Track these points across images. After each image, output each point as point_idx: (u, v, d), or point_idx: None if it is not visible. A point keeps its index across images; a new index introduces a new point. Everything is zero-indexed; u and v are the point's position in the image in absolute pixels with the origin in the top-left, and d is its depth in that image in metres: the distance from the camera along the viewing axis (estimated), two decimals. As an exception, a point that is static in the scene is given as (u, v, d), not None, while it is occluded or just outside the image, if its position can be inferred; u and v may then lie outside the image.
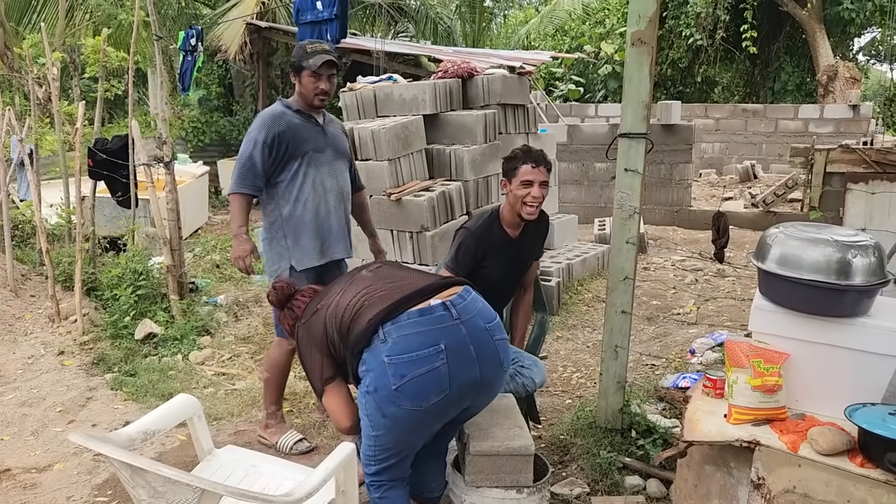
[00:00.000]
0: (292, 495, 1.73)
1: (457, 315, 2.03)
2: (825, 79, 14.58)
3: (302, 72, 3.15)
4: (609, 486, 2.99)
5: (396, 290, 2.14)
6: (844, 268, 2.17)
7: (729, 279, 6.54)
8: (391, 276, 2.26)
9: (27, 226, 7.25)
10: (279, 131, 3.14)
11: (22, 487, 3.13)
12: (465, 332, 2.02)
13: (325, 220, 3.26)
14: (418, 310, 2.03)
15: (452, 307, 2.04)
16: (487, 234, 2.94)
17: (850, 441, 2.07)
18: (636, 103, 3.02)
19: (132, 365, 4.55)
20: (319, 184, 3.23)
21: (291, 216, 3.22)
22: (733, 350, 2.33)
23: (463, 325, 2.03)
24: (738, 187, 11.44)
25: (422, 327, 2.00)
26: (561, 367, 4.51)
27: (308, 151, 3.19)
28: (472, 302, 2.13)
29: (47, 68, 5.77)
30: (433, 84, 5.81)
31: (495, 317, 2.19)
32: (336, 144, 3.33)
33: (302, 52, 3.17)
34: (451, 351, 1.99)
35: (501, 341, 2.14)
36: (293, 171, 3.19)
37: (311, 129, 3.23)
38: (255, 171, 3.15)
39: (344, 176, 3.36)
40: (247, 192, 3.18)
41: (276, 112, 3.20)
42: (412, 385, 1.98)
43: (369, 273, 2.33)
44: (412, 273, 2.33)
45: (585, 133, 9.83)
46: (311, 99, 3.19)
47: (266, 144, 3.12)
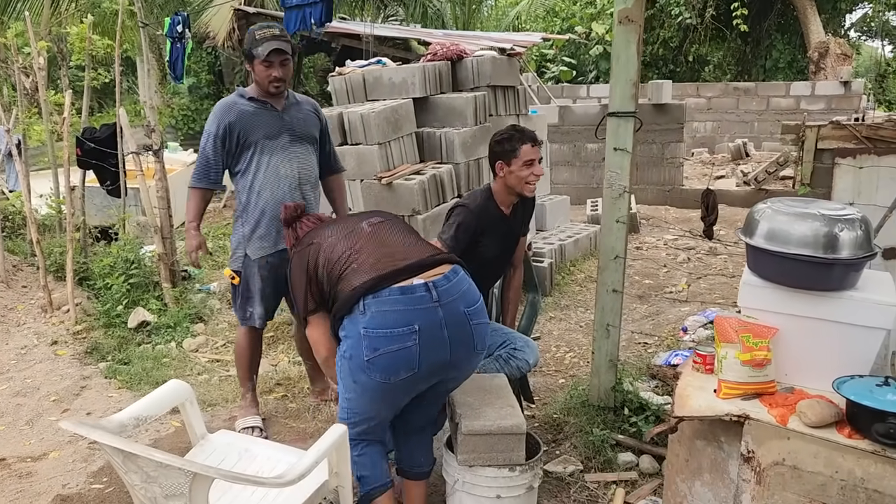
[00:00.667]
0: (284, 477, 1.74)
1: (436, 297, 2.05)
2: (816, 56, 14.55)
3: (254, 60, 3.06)
4: (602, 463, 3.01)
5: (387, 259, 2.15)
6: (831, 241, 2.17)
7: (721, 257, 6.56)
8: (386, 241, 2.26)
9: (17, 217, 7.21)
10: (229, 122, 3.09)
11: (17, 476, 3.14)
12: (440, 316, 2.05)
13: (279, 209, 3.09)
14: (400, 287, 2.06)
15: (434, 289, 2.05)
16: (485, 212, 2.95)
17: (839, 413, 2.08)
18: (624, 82, 3.01)
19: (126, 353, 4.56)
20: (273, 171, 3.16)
21: (248, 205, 3.19)
22: (722, 325, 2.33)
23: (441, 307, 2.05)
24: (729, 166, 11.45)
25: (400, 305, 2.04)
26: (554, 348, 4.53)
27: (259, 139, 3.12)
28: (456, 284, 2.12)
29: (33, 58, 5.72)
30: (422, 67, 5.77)
31: (478, 300, 2.18)
32: (295, 129, 3.23)
33: (251, 39, 3.06)
34: (424, 332, 2.03)
35: (479, 325, 2.15)
36: (247, 160, 3.15)
37: (264, 116, 3.15)
38: (209, 165, 3.14)
39: (305, 160, 3.27)
40: (202, 186, 3.17)
41: (227, 102, 3.16)
42: (383, 359, 2.04)
43: (368, 229, 2.33)
44: (408, 240, 2.31)
45: (577, 114, 9.81)
46: (265, 87, 3.11)
47: (218, 136, 3.09)
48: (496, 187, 3.00)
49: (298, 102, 3.32)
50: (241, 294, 3.26)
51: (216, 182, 3.20)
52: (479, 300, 2.19)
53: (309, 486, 2.08)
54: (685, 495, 2.48)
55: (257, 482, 1.80)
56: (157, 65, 12.41)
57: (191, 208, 3.22)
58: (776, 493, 2.12)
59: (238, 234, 3.25)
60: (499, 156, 2.93)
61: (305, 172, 3.26)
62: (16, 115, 6.14)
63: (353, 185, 5.45)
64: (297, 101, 3.32)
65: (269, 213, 3.16)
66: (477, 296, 2.18)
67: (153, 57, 12.17)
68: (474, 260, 2.89)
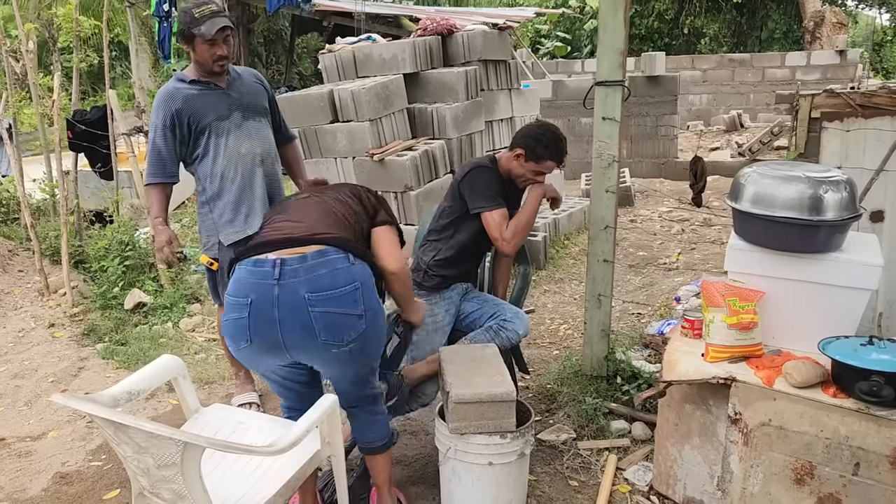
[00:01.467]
0: (274, 445, 1.76)
1: (278, 275, 2.00)
2: (812, 25, 14.45)
3: (194, 40, 2.87)
4: (595, 431, 3.05)
5: (274, 232, 2.17)
6: (816, 203, 2.19)
7: (715, 228, 6.57)
8: (296, 215, 2.24)
9: (11, 202, 7.20)
10: (176, 109, 2.92)
11: (17, 455, 3.18)
12: (275, 294, 1.99)
13: (246, 189, 3.06)
14: (254, 259, 2.06)
15: (280, 266, 2.01)
16: (499, 175, 2.96)
17: (824, 373, 2.11)
18: (612, 50, 3.00)
19: (123, 334, 4.58)
20: (233, 152, 3.02)
21: (213, 192, 3.06)
22: (709, 290, 2.35)
23: (278, 286, 1.99)
24: (724, 137, 11.42)
25: (246, 276, 2.05)
26: (549, 320, 4.55)
27: (212, 122, 2.97)
28: (312, 266, 2.02)
29: (21, 41, 5.68)
30: (412, 42, 5.74)
31: (335, 287, 2.02)
32: (244, 103, 3.07)
33: (189, 17, 2.86)
34: (255, 307, 2.01)
35: (323, 314, 2.01)
36: (202, 146, 3.01)
37: (210, 96, 2.99)
38: (162, 158, 2.98)
39: (262, 135, 3.12)
40: (159, 181, 3.01)
41: (169, 90, 2.98)
42: (227, 326, 2.08)
43: (293, 202, 2.37)
44: (315, 216, 2.21)
45: (570, 88, 9.77)
46: (209, 66, 2.93)
47: (167, 127, 2.93)
48: (504, 162, 2.96)
49: (241, 76, 3.14)
50: (220, 280, 3.16)
51: (173, 175, 3.04)
52: (340, 288, 2.03)
53: (301, 456, 2.10)
54: (675, 459, 2.52)
55: (247, 451, 1.82)
56: (148, 47, 12.32)
57: (153, 205, 3.04)
58: (763, 454, 2.16)
59: (207, 222, 3.12)
60: (530, 150, 2.86)
61: (265, 147, 3.12)
62: (5, 100, 6.10)
63: (346, 163, 5.45)
64: (240, 75, 3.14)
65: (236, 195, 3.04)
66: (339, 283, 2.03)
67: (145, 39, 12.09)
68: (472, 227, 2.91)
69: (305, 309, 1.99)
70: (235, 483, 2.04)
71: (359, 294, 2.05)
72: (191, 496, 1.81)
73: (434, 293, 2.99)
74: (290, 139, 3.43)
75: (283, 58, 15.95)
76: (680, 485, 2.52)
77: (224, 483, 2.03)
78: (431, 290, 2.98)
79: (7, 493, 2.89)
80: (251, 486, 2.01)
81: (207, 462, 2.10)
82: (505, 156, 2.98)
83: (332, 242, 2.08)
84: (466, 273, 3.10)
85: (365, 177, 5.30)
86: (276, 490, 1.99)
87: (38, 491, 2.90)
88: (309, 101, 5.48)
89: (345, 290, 2.03)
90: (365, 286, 2.08)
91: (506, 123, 6.63)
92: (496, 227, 2.82)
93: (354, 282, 2.05)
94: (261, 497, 1.95)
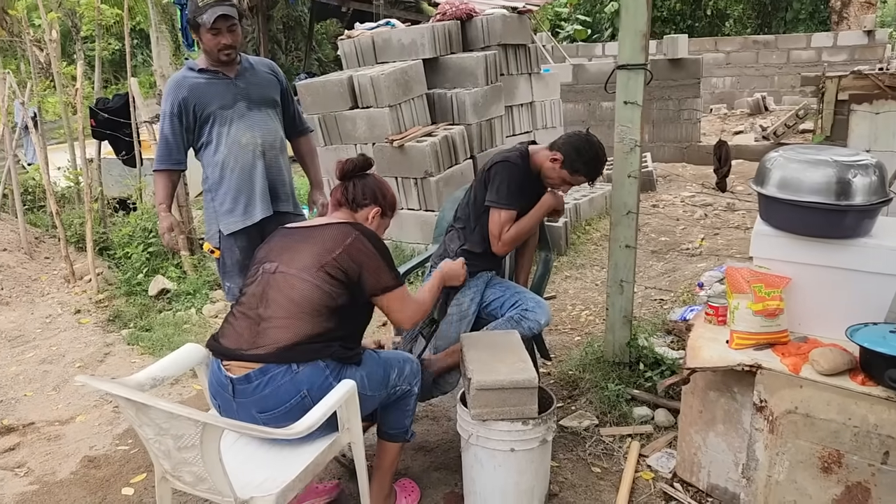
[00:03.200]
0: (293, 428, 1.78)
1: (231, 393, 2.09)
2: (839, 5, 14.17)
3: (199, 28, 2.90)
4: (617, 418, 3.03)
5: (232, 333, 2.18)
6: (844, 188, 2.14)
7: (739, 213, 6.49)
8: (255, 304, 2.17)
9: (37, 190, 7.30)
10: (183, 97, 2.95)
11: (46, 439, 3.23)
12: (234, 408, 2.11)
13: (245, 180, 3.05)
14: (218, 363, 2.15)
15: (231, 384, 2.09)
16: (525, 169, 2.90)
17: (852, 360, 2.08)
18: (634, 33, 2.95)
19: (147, 320, 4.63)
20: (234, 141, 3.02)
21: (214, 180, 3.07)
22: (734, 276, 2.32)
23: (235, 402, 2.10)
24: (748, 120, 11.25)
25: (212, 378, 2.17)
26: (570, 306, 4.53)
27: (215, 111, 2.99)
28: (257, 387, 2.06)
29: (44, 30, 5.73)
30: (431, 27, 5.71)
31: (277, 406, 2.06)
32: (251, 94, 3.06)
33: (194, 6, 2.90)
34: (223, 410, 2.16)
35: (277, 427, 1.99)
36: (206, 133, 3.03)
37: (216, 86, 3.00)
38: (169, 145, 3.01)
39: (266, 126, 3.10)
40: (165, 168, 3.05)
41: (178, 78, 3.02)
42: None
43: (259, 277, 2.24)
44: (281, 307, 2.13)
45: (591, 72, 9.67)
46: (215, 55, 2.95)
47: (174, 114, 2.96)
48: (539, 159, 2.91)
49: (253, 66, 3.14)
50: (220, 269, 3.20)
51: (180, 162, 3.06)
52: (286, 404, 2.06)
53: (321, 443, 2.12)
54: (699, 446, 2.50)
55: (265, 433, 1.84)
56: (169, 35, 12.36)
57: (158, 191, 3.10)
58: (789, 441, 2.13)
59: (209, 210, 3.14)
60: (568, 159, 2.82)
61: (268, 139, 3.10)
62: (30, 89, 6.17)
63: (365, 149, 5.45)
64: (252, 66, 3.14)
65: (236, 185, 3.04)
66: (283, 399, 2.06)
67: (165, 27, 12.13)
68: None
69: (261, 423, 2.06)
70: (255, 468, 2.05)
71: (308, 401, 2.05)
72: (211, 478, 1.84)
73: None
74: (304, 132, 3.41)
75: (302, 44, 15.94)
76: (704, 472, 2.51)
77: (244, 468, 2.05)
78: None
79: (37, 476, 2.94)
80: (271, 472, 2.03)
81: (229, 447, 2.13)
82: (542, 153, 2.93)
83: (272, 359, 2.06)
84: (492, 262, 3.08)
85: (385, 163, 5.30)
86: (295, 475, 2.00)
87: (67, 474, 2.95)
88: (328, 87, 5.48)
89: (291, 405, 2.06)
90: (314, 389, 2.07)
91: (526, 108, 6.59)
92: (498, 225, 2.82)
93: (300, 391, 2.06)
94: (280, 482, 1.97)
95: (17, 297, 5.16)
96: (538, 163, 2.92)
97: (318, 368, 2.09)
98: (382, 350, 2.41)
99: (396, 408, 2.36)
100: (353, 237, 2.19)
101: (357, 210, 2.37)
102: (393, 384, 2.30)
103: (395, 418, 2.37)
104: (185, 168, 3.11)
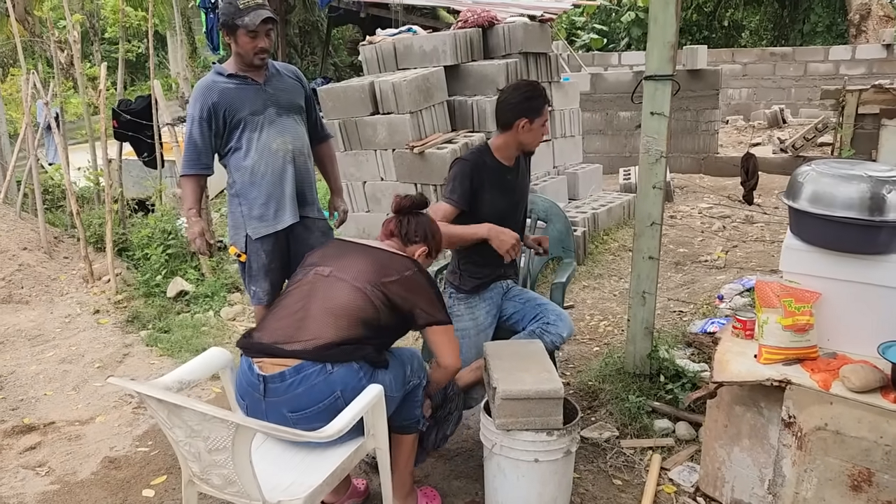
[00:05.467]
0: (324, 431, 1.78)
1: (263, 392, 2.10)
2: (857, 18, 14.10)
3: (237, 31, 2.88)
4: (638, 430, 3.02)
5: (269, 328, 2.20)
6: (878, 203, 2.13)
7: (757, 225, 6.45)
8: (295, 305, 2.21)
9: (57, 189, 7.36)
10: (213, 102, 2.94)
11: (67, 439, 3.25)
12: (263, 408, 2.11)
13: (276, 185, 3.05)
14: (248, 361, 2.15)
15: (263, 382, 2.09)
16: (481, 164, 2.84)
17: (883, 378, 2.06)
18: (662, 44, 2.95)
19: (166, 322, 4.65)
20: (265, 147, 3.01)
21: (243, 185, 3.06)
22: (764, 291, 2.31)
23: (264, 402, 2.10)
24: (766, 132, 11.20)
25: (242, 377, 2.18)
26: (588, 316, 4.51)
27: (246, 116, 2.98)
28: (290, 385, 2.07)
29: (68, 31, 5.78)
30: (453, 34, 5.72)
31: (310, 405, 2.07)
32: (280, 100, 3.07)
33: (234, 9, 2.87)
34: (250, 411, 2.16)
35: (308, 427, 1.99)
36: (236, 139, 3.02)
37: (246, 91, 3.00)
38: (198, 150, 3.01)
39: (295, 132, 3.11)
40: (193, 172, 3.05)
41: (207, 83, 3.01)
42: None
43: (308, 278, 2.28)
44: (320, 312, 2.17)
45: (609, 82, 9.66)
46: (250, 59, 2.95)
47: (203, 119, 2.96)
48: (501, 142, 2.86)
49: (280, 73, 3.15)
50: (247, 273, 3.18)
51: (208, 166, 3.07)
52: (318, 404, 2.07)
53: (347, 447, 2.12)
54: (724, 461, 2.48)
55: (296, 434, 1.84)
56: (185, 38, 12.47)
57: (187, 196, 3.08)
58: (818, 458, 2.11)
59: (236, 214, 3.12)
60: (525, 112, 2.77)
61: (297, 144, 3.11)
62: (53, 89, 6.23)
63: (385, 155, 5.46)
64: (279, 72, 3.15)
65: (266, 190, 3.04)
66: (316, 398, 2.07)
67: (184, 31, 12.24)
68: (490, 218, 2.81)
69: (291, 423, 2.06)
70: (283, 472, 2.06)
71: (340, 402, 2.06)
72: (240, 481, 1.84)
73: (473, 295, 2.97)
74: (324, 138, 3.41)
75: (318, 49, 16.01)
76: (728, 487, 2.49)
77: (271, 471, 2.06)
78: (470, 292, 2.96)
79: (58, 476, 2.95)
80: (299, 475, 2.04)
81: (255, 450, 2.13)
82: (500, 139, 2.87)
83: (308, 356, 2.08)
84: (499, 269, 3.03)
85: (405, 169, 5.31)
86: (322, 479, 2.01)
87: (87, 474, 2.96)
88: (350, 92, 5.50)
89: (323, 405, 2.07)
90: (347, 390, 2.08)
91: (545, 117, 6.58)
92: (436, 216, 2.68)
93: (334, 392, 2.07)
94: (308, 486, 1.97)
95: (37, 297, 5.19)
96: (505, 144, 2.86)
97: (352, 370, 2.11)
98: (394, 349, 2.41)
99: (407, 399, 2.36)
100: (412, 271, 2.27)
101: (407, 245, 2.43)
102: (408, 379, 2.33)
103: (406, 410, 2.37)
104: (212, 173, 3.11)
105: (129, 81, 16.24)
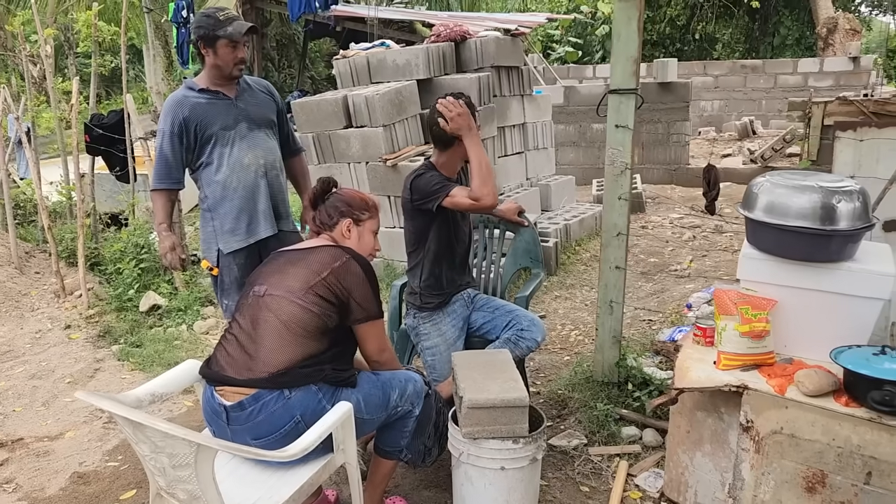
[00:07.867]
0: (287, 450, 1.79)
1: (226, 420, 2.11)
2: (825, 31, 14.41)
3: (217, 42, 2.89)
4: (606, 437, 3.06)
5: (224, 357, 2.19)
6: (829, 213, 2.20)
7: (726, 235, 6.56)
8: (245, 332, 2.19)
9: (29, 204, 7.29)
10: (184, 117, 2.94)
11: (35, 455, 3.22)
12: (230, 436, 2.12)
13: (248, 199, 3.06)
14: (212, 390, 2.17)
15: (226, 412, 2.11)
16: (436, 171, 2.89)
17: (836, 382, 2.12)
18: (625, 59, 3.03)
19: (138, 336, 4.63)
20: (237, 162, 3.02)
21: (215, 200, 3.06)
22: (721, 298, 2.37)
23: (230, 430, 2.12)
24: (736, 144, 11.39)
25: (205, 405, 2.20)
26: (559, 326, 4.57)
27: (216, 131, 2.99)
28: (250, 414, 2.08)
29: (40, 45, 5.76)
30: (426, 48, 5.78)
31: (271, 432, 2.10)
32: (251, 115, 3.08)
33: (213, 20, 2.89)
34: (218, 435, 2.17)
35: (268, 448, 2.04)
36: (207, 153, 3.02)
37: (217, 106, 3.00)
38: (168, 164, 3.00)
39: (267, 146, 3.12)
40: (164, 187, 3.03)
41: (178, 97, 3.00)
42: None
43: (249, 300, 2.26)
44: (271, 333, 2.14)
45: (582, 94, 9.78)
46: (229, 70, 2.96)
47: (174, 133, 2.96)
48: (445, 160, 2.89)
49: (251, 87, 3.16)
50: (219, 287, 3.18)
51: (178, 181, 3.06)
52: (280, 430, 2.08)
53: (315, 463, 2.13)
54: (686, 466, 2.53)
55: (259, 455, 1.85)
56: (162, 52, 12.43)
57: (158, 210, 3.06)
58: (774, 461, 2.17)
59: (208, 229, 3.12)
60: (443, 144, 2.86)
61: (269, 159, 3.12)
62: (24, 104, 6.19)
63: (359, 168, 5.49)
64: (250, 86, 3.15)
65: (238, 204, 3.05)
66: (277, 425, 2.08)
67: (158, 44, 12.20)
68: (439, 234, 2.89)
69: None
70: (250, 488, 2.07)
71: (301, 426, 2.07)
72: (204, 497, 1.85)
73: (437, 311, 2.99)
74: (296, 152, 3.42)
75: (295, 62, 16.05)
76: (691, 491, 2.54)
77: (239, 488, 2.06)
78: (434, 309, 2.99)
79: (26, 492, 2.93)
80: (266, 492, 2.04)
81: (223, 467, 2.14)
82: (446, 153, 2.89)
83: (264, 384, 2.07)
84: (459, 279, 3.07)
85: (378, 182, 5.34)
86: (289, 495, 2.02)
87: (56, 490, 2.94)
88: (323, 106, 5.53)
89: (284, 431, 2.08)
90: (307, 414, 2.09)
91: (518, 129, 6.66)
92: (462, 197, 2.74)
93: (293, 417, 2.09)
94: (274, 502, 1.98)
95: (7, 312, 5.14)
96: (451, 159, 2.89)
97: (311, 393, 2.11)
98: (381, 371, 2.39)
99: (394, 427, 2.37)
100: (343, 260, 2.22)
101: (332, 231, 2.40)
102: (394, 405, 2.31)
103: (391, 437, 2.38)
104: (183, 187, 3.11)
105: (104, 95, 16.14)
